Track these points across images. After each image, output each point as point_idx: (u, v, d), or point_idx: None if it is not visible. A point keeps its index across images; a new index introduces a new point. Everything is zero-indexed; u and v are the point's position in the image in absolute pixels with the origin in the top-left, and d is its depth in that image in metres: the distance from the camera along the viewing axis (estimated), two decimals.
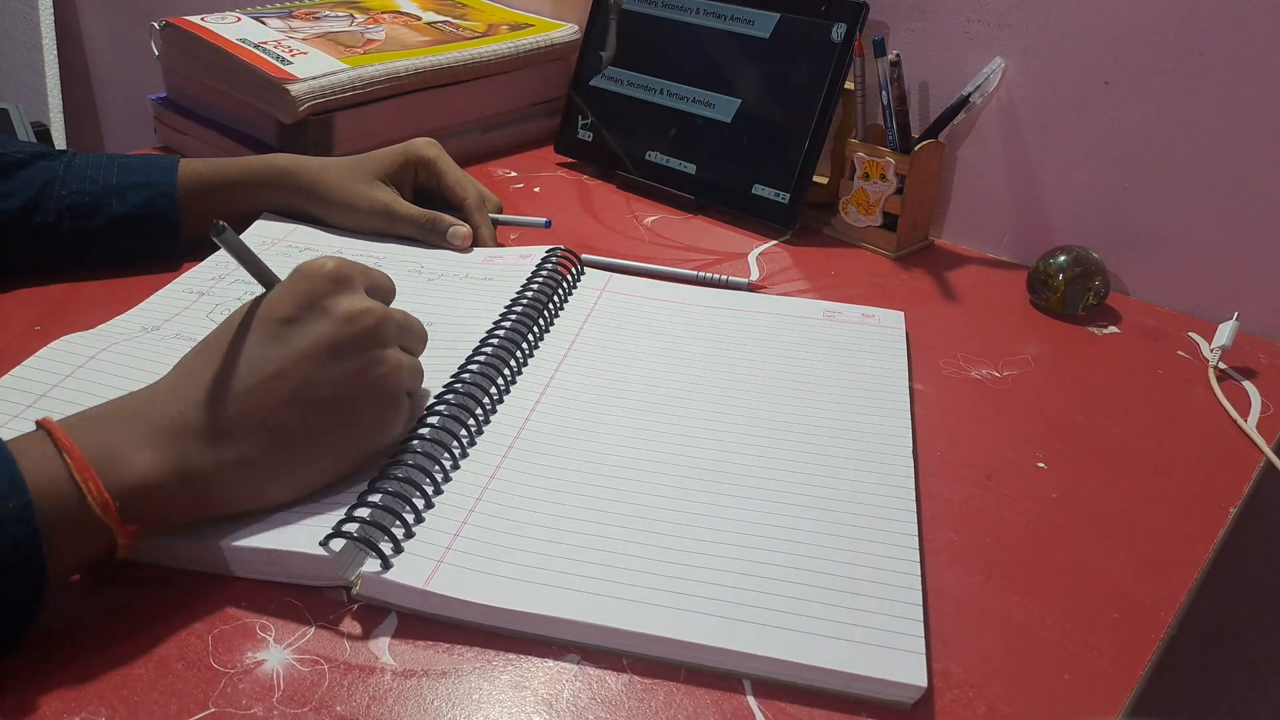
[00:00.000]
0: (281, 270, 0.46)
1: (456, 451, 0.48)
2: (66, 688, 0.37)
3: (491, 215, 0.73)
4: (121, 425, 0.40)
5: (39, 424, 0.39)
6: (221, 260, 0.68)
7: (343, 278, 0.45)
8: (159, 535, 0.41)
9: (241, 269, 0.45)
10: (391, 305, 0.49)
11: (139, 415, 0.41)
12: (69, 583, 0.42)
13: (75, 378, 0.53)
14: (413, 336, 0.49)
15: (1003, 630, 0.42)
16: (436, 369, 0.55)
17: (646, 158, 0.87)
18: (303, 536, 0.42)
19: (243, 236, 0.72)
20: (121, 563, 0.40)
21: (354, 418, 0.44)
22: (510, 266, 0.68)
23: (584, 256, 0.70)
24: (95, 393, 0.52)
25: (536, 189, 0.86)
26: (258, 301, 0.44)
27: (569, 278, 0.67)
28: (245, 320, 0.44)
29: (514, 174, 0.89)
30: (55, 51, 1.86)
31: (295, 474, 0.43)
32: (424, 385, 0.54)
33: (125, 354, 0.55)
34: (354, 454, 0.45)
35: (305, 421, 0.43)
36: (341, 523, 0.42)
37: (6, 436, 0.38)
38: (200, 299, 0.63)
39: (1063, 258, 0.68)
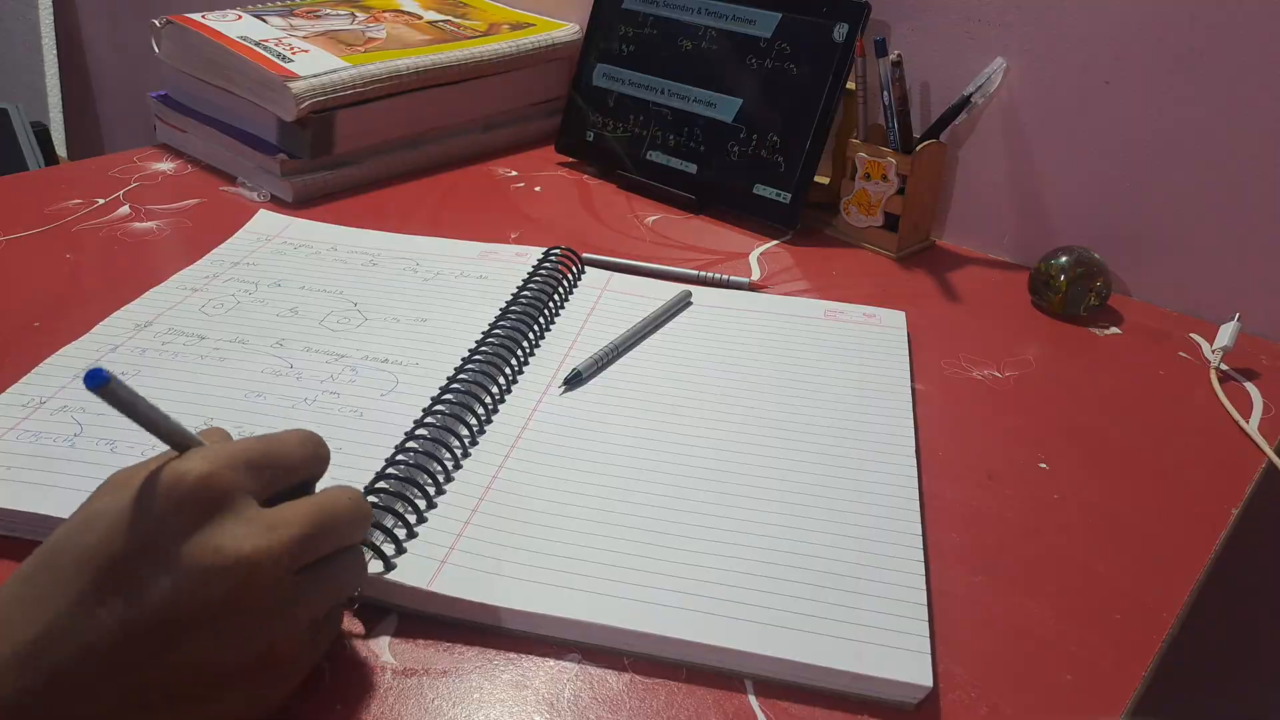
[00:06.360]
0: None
1: (458, 450, 0.48)
2: None
3: None
4: None
5: None
6: (216, 259, 0.67)
7: (204, 498, 0.31)
8: None
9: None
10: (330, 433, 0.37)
11: None
12: None
13: (72, 388, 0.52)
14: (335, 537, 0.35)
15: (1005, 631, 0.42)
16: (434, 367, 0.55)
17: (647, 157, 0.86)
18: None
19: (241, 232, 0.72)
20: None
21: (229, 697, 0.32)
22: (506, 263, 0.68)
23: (585, 256, 0.70)
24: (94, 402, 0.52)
25: (537, 188, 0.86)
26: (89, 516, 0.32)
27: (569, 277, 0.67)
28: (71, 550, 0.31)
29: (514, 173, 0.89)
30: (55, 51, 1.86)
31: None
32: (421, 388, 0.53)
33: (124, 361, 0.55)
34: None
35: (154, 712, 0.31)
36: None
37: (3, 447, 0.34)
38: (193, 294, 0.62)
39: (1064, 258, 0.68)
